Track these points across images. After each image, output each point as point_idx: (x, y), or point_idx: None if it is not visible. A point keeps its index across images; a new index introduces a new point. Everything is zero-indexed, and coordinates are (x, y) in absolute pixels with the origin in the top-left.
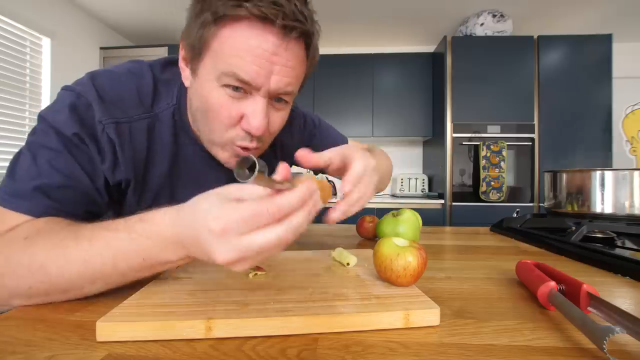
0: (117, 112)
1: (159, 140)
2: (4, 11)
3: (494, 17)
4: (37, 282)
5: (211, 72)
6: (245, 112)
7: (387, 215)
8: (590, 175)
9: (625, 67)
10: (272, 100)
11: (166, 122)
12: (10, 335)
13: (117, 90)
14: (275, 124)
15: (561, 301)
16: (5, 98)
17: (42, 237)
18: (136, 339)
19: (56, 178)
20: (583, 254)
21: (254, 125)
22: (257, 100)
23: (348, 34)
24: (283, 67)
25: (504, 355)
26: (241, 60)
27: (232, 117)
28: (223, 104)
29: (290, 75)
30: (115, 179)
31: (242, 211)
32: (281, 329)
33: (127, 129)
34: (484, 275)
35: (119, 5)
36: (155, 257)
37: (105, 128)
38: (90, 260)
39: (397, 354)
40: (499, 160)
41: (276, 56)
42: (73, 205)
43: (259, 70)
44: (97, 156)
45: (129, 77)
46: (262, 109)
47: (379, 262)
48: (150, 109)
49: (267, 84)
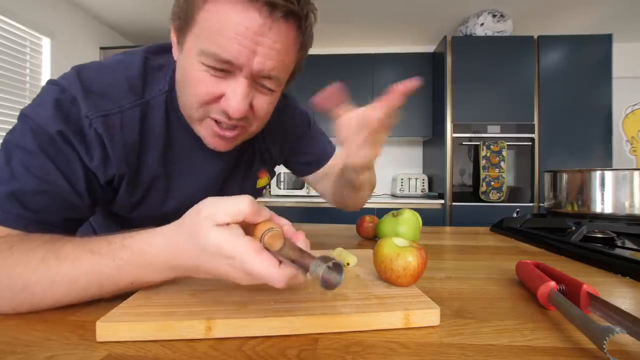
0: (106, 103)
1: (152, 128)
2: (4, 11)
3: (494, 17)
4: (20, 302)
5: (194, 47)
6: (225, 92)
7: (387, 215)
8: (590, 175)
9: (625, 67)
10: (257, 84)
11: (158, 108)
12: (10, 335)
13: (105, 81)
14: (262, 109)
15: (561, 301)
16: (5, 98)
17: (19, 255)
18: (136, 339)
19: (31, 183)
20: (583, 254)
21: (232, 106)
22: (238, 81)
23: (348, 34)
24: (268, 48)
25: (504, 355)
26: (223, 38)
27: (210, 94)
28: (203, 80)
29: (276, 59)
30: (107, 175)
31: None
32: (281, 329)
33: (119, 119)
34: (484, 275)
35: (119, 5)
36: (144, 281)
37: (92, 123)
38: (77, 282)
39: (397, 354)
40: (499, 160)
41: (260, 36)
42: (50, 212)
43: (241, 50)
44: (85, 154)
45: (118, 66)
46: (243, 90)
47: (379, 262)
48: (141, 96)
49: (249, 65)
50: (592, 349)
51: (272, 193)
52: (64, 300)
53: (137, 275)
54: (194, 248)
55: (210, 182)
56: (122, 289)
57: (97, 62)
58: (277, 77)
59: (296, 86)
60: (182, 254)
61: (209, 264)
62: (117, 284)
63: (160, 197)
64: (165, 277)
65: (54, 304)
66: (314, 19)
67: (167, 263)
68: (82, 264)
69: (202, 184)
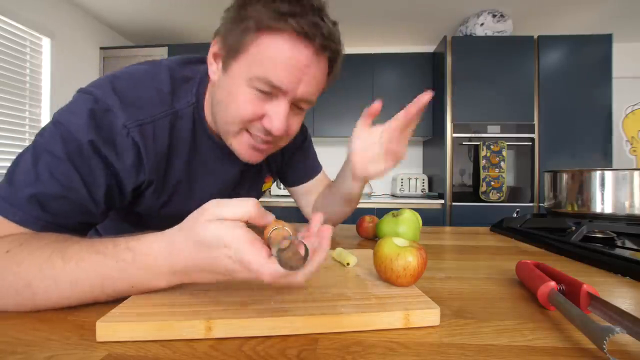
0: (140, 113)
1: (179, 136)
2: (4, 11)
3: (494, 17)
4: (23, 300)
5: (244, 73)
6: (268, 112)
7: (387, 215)
8: (590, 175)
9: (625, 67)
10: (294, 106)
11: (186, 118)
12: (10, 335)
13: (137, 92)
14: (293, 127)
15: (561, 301)
16: (5, 98)
17: (27, 253)
18: (136, 339)
19: (54, 188)
20: (583, 254)
21: (276, 125)
22: (281, 103)
23: (348, 34)
24: (312, 78)
25: (504, 355)
26: (275, 67)
27: (255, 114)
28: (249, 100)
29: (315, 87)
30: (137, 180)
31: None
32: (281, 329)
33: (152, 129)
34: (484, 275)
35: (119, 5)
36: (145, 285)
37: (130, 132)
38: (78, 283)
39: (397, 354)
40: (499, 160)
41: (308, 68)
42: (67, 217)
43: (291, 78)
44: (116, 159)
45: (148, 77)
46: (285, 112)
47: (379, 262)
48: (171, 106)
49: (294, 91)
50: (592, 349)
51: (272, 193)
52: (65, 301)
53: (137, 278)
54: (193, 244)
55: (224, 185)
56: (122, 292)
57: (126, 72)
58: (312, 100)
59: None
60: (181, 253)
61: (207, 258)
62: (118, 287)
63: (184, 198)
64: (166, 283)
65: (56, 304)
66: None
67: (167, 266)
68: (85, 264)
69: (218, 187)
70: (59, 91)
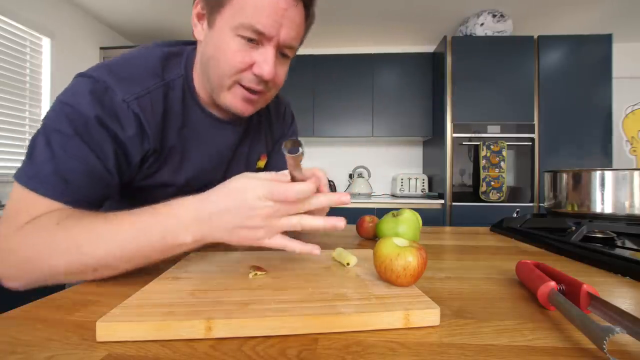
0: (135, 87)
1: (172, 106)
2: (4, 11)
3: (494, 17)
4: (73, 260)
5: (229, 22)
6: (257, 60)
7: (387, 215)
8: (590, 175)
9: (625, 67)
10: (279, 53)
11: (177, 89)
12: (10, 335)
13: (130, 69)
14: (280, 75)
15: (561, 301)
16: (5, 98)
17: (74, 221)
18: (136, 339)
19: (70, 163)
20: (583, 254)
21: (266, 70)
22: (267, 50)
23: (348, 34)
24: (292, 22)
25: (504, 355)
26: (257, 14)
27: (244, 63)
28: (238, 50)
29: (295, 31)
30: (143, 149)
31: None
32: (281, 329)
33: (149, 100)
34: (484, 275)
35: (119, 5)
36: (174, 236)
37: (130, 105)
38: (117, 237)
39: (397, 354)
40: (499, 160)
41: (286, 11)
42: (88, 189)
43: (272, 23)
44: (121, 130)
45: (138, 54)
46: (272, 56)
47: (379, 262)
48: (162, 78)
49: (277, 36)
50: (592, 349)
51: None
52: (105, 259)
53: (168, 228)
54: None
55: (218, 157)
56: (155, 245)
57: (120, 56)
58: (294, 46)
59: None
60: (209, 200)
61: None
62: (151, 238)
63: (174, 168)
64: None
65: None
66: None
67: (193, 212)
68: (124, 222)
69: (211, 158)
70: (59, 91)
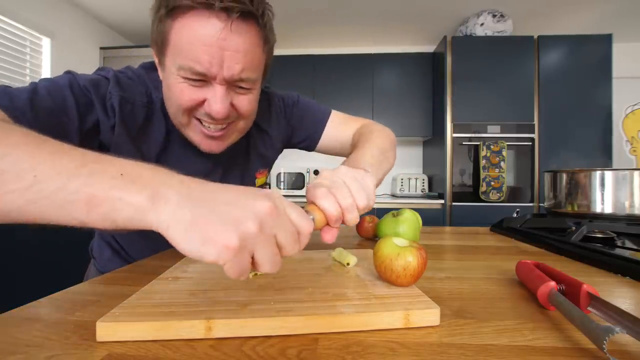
0: (125, 92)
1: (153, 127)
2: (4, 11)
3: (494, 17)
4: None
5: (172, 65)
6: (206, 97)
7: (387, 215)
8: (590, 175)
9: (625, 67)
10: (234, 87)
11: (158, 111)
12: (10, 335)
13: (129, 80)
14: (243, 106)
15: (561, 301)
16: None
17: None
18: (136, 339)
19: (47, 102)
20: (583, 254)
21: (215, 109)
22: (215, 88)
23: (348, 34)
24: (234, 52)
25: (504, 355)
26: (193, 52)
27: (194, 100)
28: (185, 90)
29: (242, 62)
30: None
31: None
32: (281, 329)
33: (130, 107)
34: (484, 275)
35: (119, 5)
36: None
37: (111, 97)
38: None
39: (397, 354)
40: (499, 160)
41: (225, 41)
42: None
43: (211, 60)
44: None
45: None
46: (221, 95)
47: (379, 262)
48: (150, 98)
49: (220, 73)
50: (592, 349)
51: None
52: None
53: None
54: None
55: None
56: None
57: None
58: (249, 77)
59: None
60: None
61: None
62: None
63: None
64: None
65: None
66: (271, 15)
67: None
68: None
69: None
70: None
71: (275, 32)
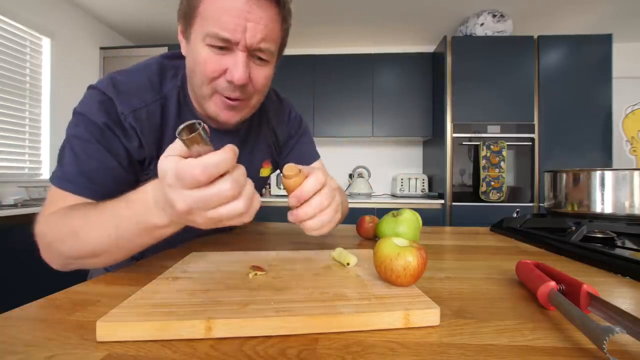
0: (133, 100)
1: (169, 118)
2: (4, 11)
3: (494, 17)
4: (73, 245)
5: (199, 35)
6: (228, 66)
7: (387, 215)
8: (590, 175)
9: (625, 67)
10: (253, 57)
11: (173, 100)
12: (10, 335)
13: (130, 82)
14: (259, 79)
15: (561, 301)
16: (5, 98)
17: (75, 211)
18: (136, 339)
19: (92, 163)
20: (583, 254)
21: (236, 75)
22: (237, 55)
23: (348, 34)
24: (256, 24)
25: (504, 355)
26: (219, 20)
27: (216, 70)
28: (208, 59)
29: (264, 32)
30: (140, 156)
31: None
32: (281, 329)
33: (145, 113)
34: (484, 275)
35: (119, 5)
36: (144, 220)
37: (126, 118)
38: (104, 224)
39: (397, 354)
40: (499, 160)
41: (249, 13)
42: (110, 185)
43: (235, 27)
44: (125, 139)
45: (140, 69)
46: (242, 61)
47: (379, 262)
48: (160, 91)
49: (243, 39)
50: (592, 349)
51: (272, 193)
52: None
53: (139, 214)
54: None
55: None
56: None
57: (125, 68)
58: (268, 48)
59: (297, 86)
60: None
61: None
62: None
63: None
64: (160, 220)
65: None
66: None
67: (152, 197)
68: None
69: None
70: (59, 91)
71: None
